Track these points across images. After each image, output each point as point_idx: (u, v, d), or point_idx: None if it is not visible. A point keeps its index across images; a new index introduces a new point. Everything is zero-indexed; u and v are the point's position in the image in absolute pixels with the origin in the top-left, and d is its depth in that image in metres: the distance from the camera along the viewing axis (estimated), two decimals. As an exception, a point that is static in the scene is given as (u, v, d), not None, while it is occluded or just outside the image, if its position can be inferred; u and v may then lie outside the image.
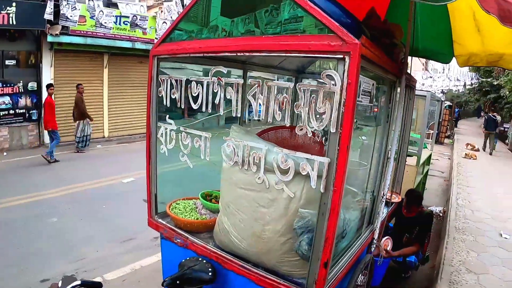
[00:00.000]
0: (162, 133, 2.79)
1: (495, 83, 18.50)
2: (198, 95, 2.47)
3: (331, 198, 1.94)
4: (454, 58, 4.04)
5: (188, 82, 2.55)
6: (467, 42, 3.57)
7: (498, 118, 17.01)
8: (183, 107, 2.62)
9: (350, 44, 1.80)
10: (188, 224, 2.85)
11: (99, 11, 10.83)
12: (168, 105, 2.71)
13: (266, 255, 2.39)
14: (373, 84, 2.34)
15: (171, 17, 11.16)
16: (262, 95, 2.15)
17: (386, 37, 2.74)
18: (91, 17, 10.90)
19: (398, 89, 3.05)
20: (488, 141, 15.80)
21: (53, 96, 9.82)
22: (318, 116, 1.96)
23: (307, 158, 2.03)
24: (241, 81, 2.27)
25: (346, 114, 1.84)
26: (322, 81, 1.89)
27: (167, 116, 2.78)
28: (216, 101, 2.38)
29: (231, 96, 2.31)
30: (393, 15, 3.65)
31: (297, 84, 2.01)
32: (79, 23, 10.64)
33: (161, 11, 12.08)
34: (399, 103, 3.04)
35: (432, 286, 4.47)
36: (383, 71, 2.54)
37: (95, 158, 10.30)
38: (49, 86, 9.91)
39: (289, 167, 2.12)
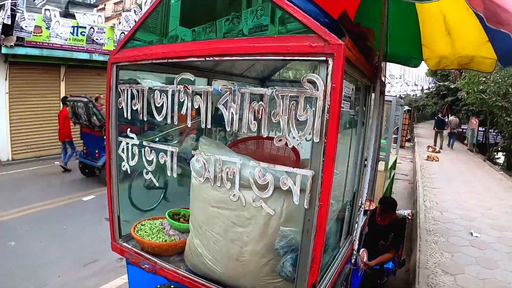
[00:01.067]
0: (123, 149, 2.50)
1: (452, 86, 19.23)
2: (162, 105, 2.21)
3: (317, 214, 1.74)
4: (423, 62, 4.01)
5: (151, 91, 2.29)
6: (437, 45, 3.53)
7: (450, 118, 17.85)
8: (145, 120, 2.35)
9: (334, 45, 1.61)
10: (155, 247, 2.55)
11: (55, 22, 10.25)
12: (129, 117, 2.43)
13: (244, 278, 2.15)
14: (352, 89, 2.18)
15: (130, 27, 10.76)
16: (234, 104, 1.93)
17: (361, 40, 2.60)
18: (47, 28, 10.30)
19: (373, 94, 2.91)
20: (438, 138, 17.34)
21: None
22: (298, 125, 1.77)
23: (287, 172, 1.83)
24: (210, 88, 2.04)
25: (331, 122, 1.65)
26: (305, 87, 1.69)
27: (128, 129, 2.49)
28: (183, 112, 2.14)
29: (199, 106, 2.07)
30: (360, 19, 3.55)
31: (274, 90, 1.80)
32: (35, 34, 10.02)
33: (119, 22, 11.61)
34: (374, 109, 2.90)
35: (410, 291, 4.40)
36: (361, 75, 2.39)
37: (52, 176, 9.63)
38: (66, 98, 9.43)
39: (268, 182, 1.89)
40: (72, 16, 11.20)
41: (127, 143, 2.47)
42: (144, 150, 2.36)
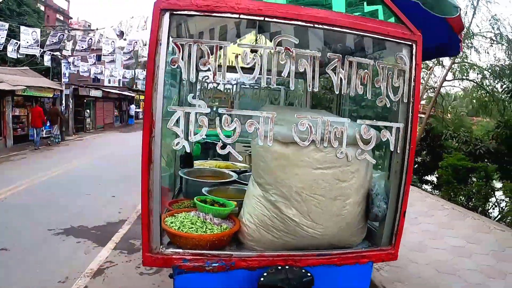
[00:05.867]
0: (178, 120, 1.77)
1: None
2: (254, 66, 1.86)
3: (408, 155, 2.16)
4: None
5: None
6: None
7: None
8: (220, 82, 1.83)
9: (416, 35, 2.14)
10: (216, 240, 1.92)
11: None
12: (193, 81, 1.79)
13: (343, 231, 2.15)
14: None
15: None
16: (343, 70, 2.00)
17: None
18: None
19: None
20: None
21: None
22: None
23: (385, 126, 2.14)
24: (318, 54, 1.96)
25: (417, 87, 2.16)
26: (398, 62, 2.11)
27: (191, 95, 1.79)
28: (284, 74, 1.91)
29: (304, 70, 1.94)
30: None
31: (377, 62, 2.07)
32: None
33: None
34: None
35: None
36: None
37: None
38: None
39: (371, 136, 2.08)
40: None
41: (188, 113, 1.78)
42: (221, 119, 1.81)
